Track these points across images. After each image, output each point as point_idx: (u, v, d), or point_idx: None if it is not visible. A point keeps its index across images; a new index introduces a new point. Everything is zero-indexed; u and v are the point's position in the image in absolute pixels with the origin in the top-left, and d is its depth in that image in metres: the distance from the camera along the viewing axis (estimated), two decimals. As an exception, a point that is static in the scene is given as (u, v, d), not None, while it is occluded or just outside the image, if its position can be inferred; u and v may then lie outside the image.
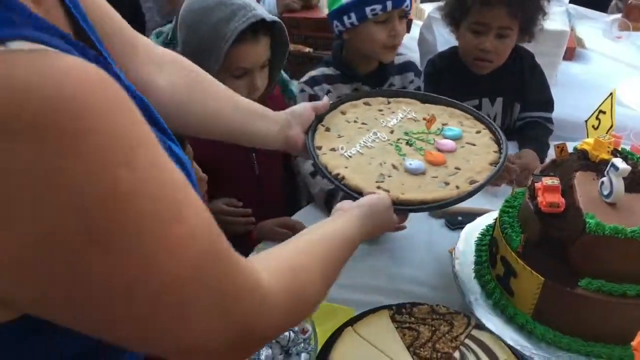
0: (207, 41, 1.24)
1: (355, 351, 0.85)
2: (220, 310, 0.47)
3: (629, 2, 2.66)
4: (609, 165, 0.88)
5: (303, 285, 0.60)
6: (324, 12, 2.14)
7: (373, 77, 1.63)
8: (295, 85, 1.70)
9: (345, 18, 1.53)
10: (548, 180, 0.91)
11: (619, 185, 0.86)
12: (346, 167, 0.99)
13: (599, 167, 0.95)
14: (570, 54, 2.28)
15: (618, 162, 0.86)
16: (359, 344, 0.86)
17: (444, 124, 1.14)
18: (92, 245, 0.38)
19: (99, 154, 0.36)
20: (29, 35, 0.36)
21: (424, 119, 1.14)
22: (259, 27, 1.29)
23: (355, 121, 1.14)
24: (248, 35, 1.26)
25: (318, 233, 0.73)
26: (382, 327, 0.89)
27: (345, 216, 0.81)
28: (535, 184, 0.93)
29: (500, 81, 1.72)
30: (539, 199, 0.90)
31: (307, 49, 2.27)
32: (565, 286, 0.88)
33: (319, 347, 0.88)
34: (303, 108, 1.05)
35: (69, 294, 0.40)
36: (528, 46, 1.95)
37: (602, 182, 0.90)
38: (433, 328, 0.89)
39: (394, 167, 1.01)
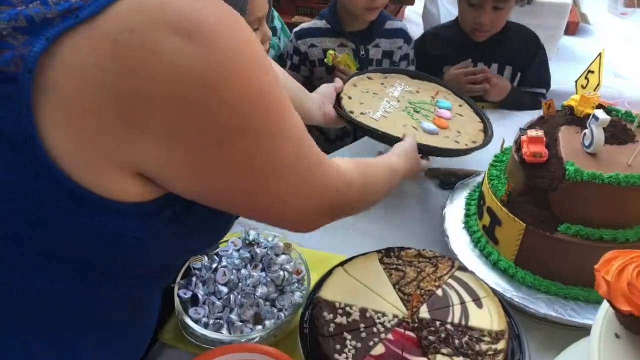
0: None
1: (344, 288, 0.90)
2: (316, 192, 0.65)
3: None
4: (591, 116, 0.92)
5: (370, 181, 0.82)
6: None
7: (359, 35, 1.71)
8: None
9: None
10: (532, 132, 0.96)
11: (600, 135, 0.91)
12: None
13: (583, 122, 0.99)
14: (573, 29, 2.30)
15: (599, 113, 0.91)
16: (348, 281, 0.92)
17: (433, 97, 1.43)
18: (240, 132, 0.51)
19: (250, 58, 0.50)
20: None
21: (417, 91, 1.44)
22: None
23: (367, 91, 1.39)
24: None
25: (376, 159, 0.97)
26: (371, 268, 0.95)
27: (393, 154, 1.04)
28: (521, 137, 0.98)
29: (497, 49, 1.78)
30: (524, 149, 0.95)
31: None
32: (546, 231, 0.93)
33: (311, 288, 0.94)
34: (328, 88, 1.30)
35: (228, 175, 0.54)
36: (530, 18, 1.99)
37: (584, 134, 0.95)
38: (419, 269, 0.94)
39: (414, 127, 1.26)
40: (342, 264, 0.96)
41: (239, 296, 0.93)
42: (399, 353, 0.80)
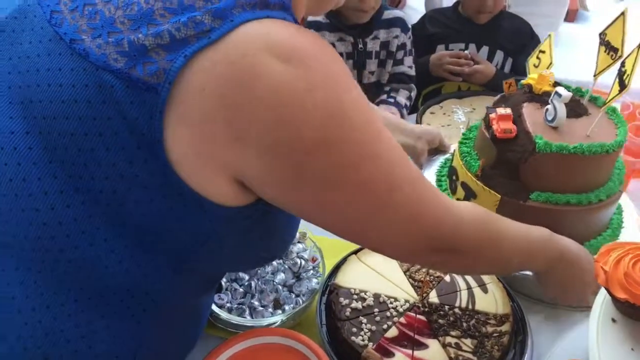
0: None
1: (357, 275, 0.97)
2: (410, 214, 0.64)
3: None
4: (553, 94, 0.99)
5: (498, 233, 0.75)
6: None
7: (358, 29, 1.74)
8: None
9: None
10: (501, 110, 1.02)
11: (562, 110, 0.98)
12: None
13: (542, 98, 1.06)
14: (572, 16, 2.34)
15: (561, 90, 0.98)
16: (361, 268, 0.98)
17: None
18: (326, 146, 0.56)
19: (337, 79, 0.57)
20: (290, 19, 0.58)
21: (474, 108, 1.69)
22: None
23: (442, 126, 1.60)
24: None
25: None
26: (383, 256, 1.01)
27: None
28: (490, 115, 1.04)
29: (489, 34, 1.87)
30: (494, 127, 1.01)
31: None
32: (519, 200, 0.99)
33: (326, 275, 1.00)
34: (435, 135, 1.29)
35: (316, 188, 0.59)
36: (530, 6, 2.04)
37: (547, 109, 1.01)
38: (427, 257, 1.00)
39: None
40: (355, 252, 1.02)
41: (259, 282, 1.00)
42: (411, 335, 0.86)
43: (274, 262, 1.03)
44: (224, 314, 0.93)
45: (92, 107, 0.54)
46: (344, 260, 1.01)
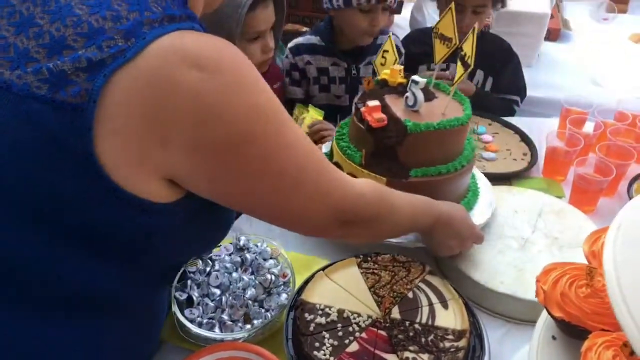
0: (227, 9, 1.40)
1: (324, 291, 1.00)
2: (319, 193, 0.75)
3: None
4: (410, 82, 1.12)
5: (393, 204, 0.91)
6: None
7: (352, 54, 1.78)
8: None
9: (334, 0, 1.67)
10: (370, 103, 1.11)
11: (420, 95, 1.11)
12: None
13: (397, 90, 1.20)
14: (555, 35, 2.40)
15: (416, 77, 1.11)
16: (329, 285, 1.02)
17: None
18: (244, 142, 0.63)
19: (249, 82, 0.63)
20: (198, 27, 0.63)
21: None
22: None
23: None
24: (259, 1, 1.44)
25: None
26: (350, 272, 1.05)
27: (444, 202, 1.07)
28: (361, 109, 1.12)
29: None
30: (368, 118, 1.09)
31: (305, 29, 2.40)
32: (402, 179, 1.09)
33: (296, 290, 1.04)
34: None
35: (239, 178, 0.66)
36: (510, 26, 2.09)
37: (407, 96, 1.13)
38: (393, 273, 1.04)
39: (479, 160, 1.55)
40: (323, 268, 1.06)
41: (230, 298, 1.03)
42: (371, 350, 0.90)
43: (245, 278, 1.06)
44: (194, 328, 0.97)
45: (22, 134, 0.58)
46: (312, 277, 1.05)
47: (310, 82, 1.84)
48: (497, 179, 1.47)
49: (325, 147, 1.39)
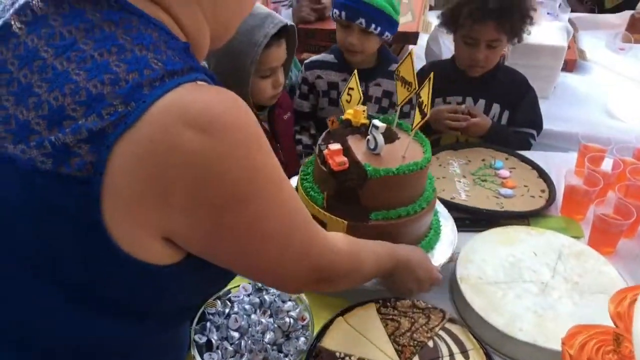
0: (242, 46, 1.42)
1: (343, 337, 1.00)
2: (302, 253, 0.75)
3: (633, 14, 2.75)
4: (370, 126, 1.14)
5: (362, 255, 0.93)
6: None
7: (362, 73, 1.80)
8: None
9: (332, 11, 1.77)
10: (332, 146, 1.12)
11: (381, 139, 1.13)
12: None
13: (361, 130, 1.22)
14: (571, 66, 2.39)
15: (377, 122, 1.13)
16: (348, 332, 1.02)
17: (483, 160, 1.74)
18: (241, 202, 0.63)
19: (249, 142, 0.62)
20: (202, 77, 0.62)
21: (469, 160, 1.74)
22: (281, 30, 1.49)
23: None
24: (274, 39, 1.46)
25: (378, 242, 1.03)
26: (369, 318, 1.04)
27: (402, 246, 1.10)
28: (324, 152, 1.13)
29: (486, 87, 1.92)
30: (330, 161, 1.11)
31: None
32: (362, 222, 1.10)
33: (315, 333, 1.04)
34: None
35: (226, 238, 0.65)
36: (526, 59, 2.10)
37: (368, 139, 1.15)
38: (412, 320, 1.04)
39: (496, 197, 1.56)
40: (342, 312, 1.06)
41: (249, 342, 1.03)
42: (392, 402, 0.90)
43: (264, 321, 1.06)
44: (213, 374, 0.97)
45: (29, 204, 0.58)
46: (331, 322, 1.04)
47: (319, 95, 1.88)
48: (515, 217, 1.47)
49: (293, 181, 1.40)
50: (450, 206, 1.49)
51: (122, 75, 0.57)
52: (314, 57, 1.90)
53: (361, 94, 1.26)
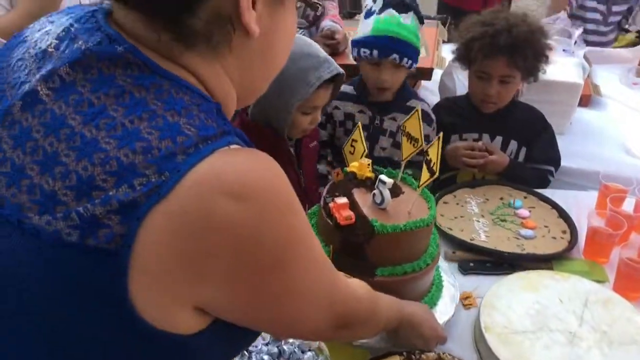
0: (295, 83, 1.42)
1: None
2: (327, 304, 0.74)
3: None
4: (377, 181, 1.13)
5: (378, 306, 0.91)
6: (350, 58, 2.28)
7: (378, 106, 1.81)
8: None
9: (354, 50, 1.75)
10: (339, 200, 1.11)
11: (387, 194, 1.13)
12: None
13: (366, 183, 1.21)
14: (586, 101, 2.37)
15: (384, 178, 1.12)
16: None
17: (501, 198, 1.72)
18: (278, 267, 0.61)
19: (283, 206, 0.60)
20: (235, 140, 0.60)
21: (487, 199, 1.72)
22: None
23: (455, 217, 1.62)
24: (325, 82, 1.47)
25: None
26: (393, 371, 1.01)
27: (412, 303, 1.10)
28: (329, 205, 1.12)
29: (502, 123, 1.90)
30: (336, 215, 1.09)
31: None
32: (368, 277, 1.06)
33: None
34: None
35: (258, 303, 0.64)
36: (543, 94, 2.08)
37: (374, 194, 1.15)
38: (438, 373, 1.00)
39: (517, 238, 1.53)
40: (366, 364, 1.02)
41: (269, 395, 1.00)
42: None
43: (284, 374, 1.03)
44: None
45: (53, 282, 0.55)
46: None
47: (336, 125, 1.88)
48: (538, 260, 1.44)
49: None
50: (471, 248, 1.47)
51: (155, 143, 0.55)
52: None
53: (365, 147, 1.25)
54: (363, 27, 1.71)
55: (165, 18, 0.59)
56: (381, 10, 1.66)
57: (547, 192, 1.77)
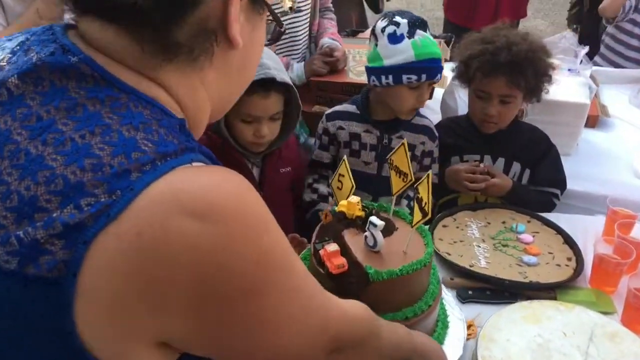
0: None
1: None
2: (319, 333, 0.67)
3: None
4: (369, 224, 1.06)
5: (378, 329, 0.83)
6: (349, 76, 2.24)
7: (385, 125, 1.76)
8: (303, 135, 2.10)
9: (383, 77, 1.67)
10: (329, 247, 1.04)
11: (380, 237, 1.06)
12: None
13: (357, 223, 1.14)
14: (594, 122, 2.30)
15: (375, 220, 1.05)
16: None
17: (503, 222, 1.64)
18: (251, 294, 0.55)
19: (255, 226, 0.54)
20: (198, 157, 0.56)
21: (488, 222, 1.65)
22: (271, 84, 1.48)
23: (454, 242, 1.55)
24: (259, 89, 1.46)
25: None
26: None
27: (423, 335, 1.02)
28: (320, 252, 1.05)
29: (505, 144, 1.84)
30: (328, 264, 1.03)
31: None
32: None
33: None
34: None
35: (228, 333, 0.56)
36: (548, 115, 2.01)
37: (366, 237, 1.08)
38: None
39: (519, 265, 1.46)
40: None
41: None
42: None
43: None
44: None
45: None
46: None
47: (340, 146, 1.83)
48: (541, 289, 1.36)
49: None
50: (470, 275, 1.40)
51: (106, 159, 0.50)
52: (336, 108, 1.85)
53: (353, 183, 1.18)
54: (393, 53, 1.62)
55: (149, 31, 0.56)
56: (411, 33, 1.61)
57: (551, 216, 1.70)
